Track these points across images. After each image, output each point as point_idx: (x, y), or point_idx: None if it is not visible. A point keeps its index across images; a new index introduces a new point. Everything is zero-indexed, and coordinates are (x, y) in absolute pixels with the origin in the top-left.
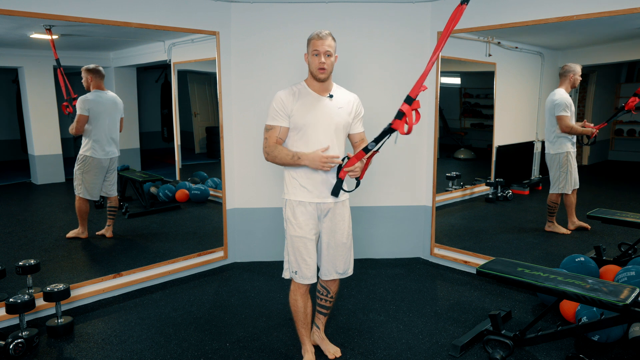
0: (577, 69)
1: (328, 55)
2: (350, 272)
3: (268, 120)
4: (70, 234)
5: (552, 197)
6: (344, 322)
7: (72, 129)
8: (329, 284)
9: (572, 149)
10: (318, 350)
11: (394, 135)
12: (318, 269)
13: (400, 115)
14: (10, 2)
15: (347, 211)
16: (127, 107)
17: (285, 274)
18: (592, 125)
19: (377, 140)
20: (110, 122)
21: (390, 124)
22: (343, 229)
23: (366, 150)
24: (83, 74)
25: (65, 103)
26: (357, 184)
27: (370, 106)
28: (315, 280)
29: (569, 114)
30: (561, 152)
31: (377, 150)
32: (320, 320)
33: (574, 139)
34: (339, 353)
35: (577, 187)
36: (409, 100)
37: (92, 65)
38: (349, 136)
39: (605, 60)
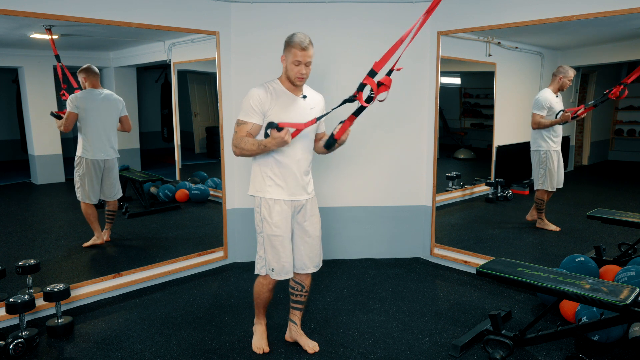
0: (570, 72)
1: (307, 65)
2: (321, 264)
3: (241, 116)
4: (88, 243)
5: (538, 194)
6: (344, 322)
7: (59, 125)
8: (304, 279)
9: (554, 147)
10: (297, 346)
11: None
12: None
13: (362, 87)
14: (10, 2)
15: (316, 206)
16: (127, 107)
17: (262, 271)
18: (571, 111)
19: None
20: (105, 121)
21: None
22: (316, 223)
23: (357, 113)
24: (79, 76)
25: (62, 92)
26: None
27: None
28: (291, 275)
29: (543, 113)
30: (540, 150)
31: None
32: (297, 316)
33: (557, 137)
34: (318, 347)
35: (560, 186)
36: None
37: (84, 65)
38: None
39: (605, 60)
